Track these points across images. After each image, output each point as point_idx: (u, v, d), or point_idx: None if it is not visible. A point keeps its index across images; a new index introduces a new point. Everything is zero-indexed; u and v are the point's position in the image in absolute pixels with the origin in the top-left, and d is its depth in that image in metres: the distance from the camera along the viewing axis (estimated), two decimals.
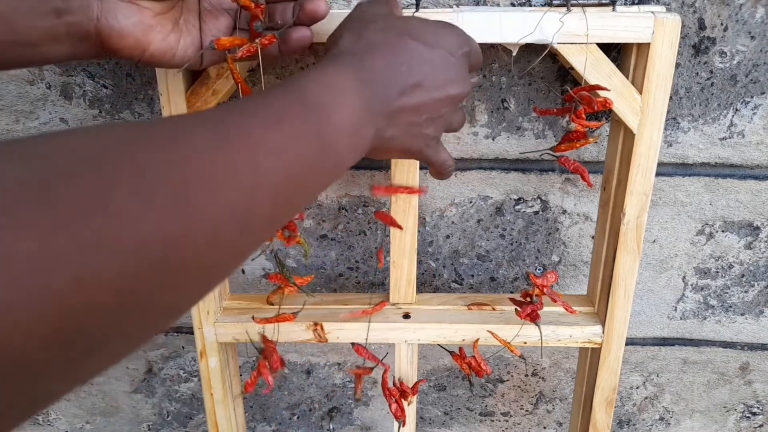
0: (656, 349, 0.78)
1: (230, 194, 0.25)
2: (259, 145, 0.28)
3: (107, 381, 0.84)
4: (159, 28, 0.42)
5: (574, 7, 0.51)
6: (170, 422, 0.87)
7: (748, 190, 0.66)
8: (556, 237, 0.70)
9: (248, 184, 0.26)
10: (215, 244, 0.24)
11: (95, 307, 0.19)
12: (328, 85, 0.35)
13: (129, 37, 0.40)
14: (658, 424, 0.85)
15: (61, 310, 0.18)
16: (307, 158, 0.31)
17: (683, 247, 0.70)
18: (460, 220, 0.69)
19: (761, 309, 0.74)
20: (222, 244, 0.25)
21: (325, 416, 0.86)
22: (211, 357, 0.63)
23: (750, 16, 0.57)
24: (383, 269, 0.72)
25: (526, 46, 0.52)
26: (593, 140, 0.56)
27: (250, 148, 0.27)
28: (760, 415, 0.83)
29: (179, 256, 0.22)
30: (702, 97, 0.61)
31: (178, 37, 0.43)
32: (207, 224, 0.23)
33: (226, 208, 0.24)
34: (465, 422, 0.85)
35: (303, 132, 0.31)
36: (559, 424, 0.85)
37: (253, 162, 0.27)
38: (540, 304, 0.59)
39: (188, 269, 0.23)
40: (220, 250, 0.25)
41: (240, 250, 0.27)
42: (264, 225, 0.28)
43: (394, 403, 0.64)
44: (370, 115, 0.37)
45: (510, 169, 0.66)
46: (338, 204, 0.69)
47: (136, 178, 0.21)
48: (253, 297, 0.66)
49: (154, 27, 0.41)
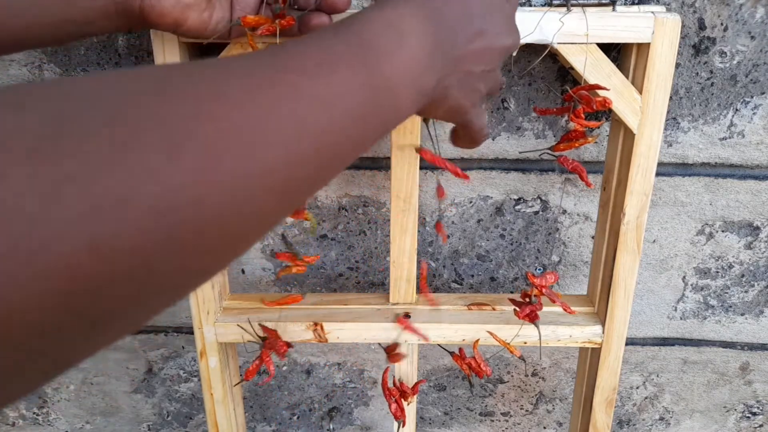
0: (656, 349, 0.78)
1: (266, 152, 0.22)
2: (301, 95, 0.24)
3: (107, 381, 0.84)
4: (195, 7, 0.45)
5: (574, 7, 0.51)
6: (170, 422, 0.87)
7: (748, 190, 0.66)
8: (556, 237, 0.70)
9: (288, 139, 0.23)
10: (245, 207, 0.21)
11: (110, 275, 0.17)
12: (387, 25, 0.31)
13: (169, 15, 0.44)
14: (658, 424, 0.85)
15: (71, 279, 0.16)
16: (359, 109, 0.27)
17: (683, 247, 0.70)
18: (460, 220, 0.69)
19: (761, 309, 0.74)
20: (254, 207, 0.22)
21: (325, 416, 0.86)
22: (211, 357, 0.63)
23: (750, 16, 0.57)
24: (383, 269, 0.72)
25: (526, 46, 0.52)
26: (592, 140, 0.56)
27: (291, 99, 0.24)
28: (760, 415, 0.83)
29: (206, 219, 0.20)
30: (702, 97, 0.61)
31: (211, 13, 0.47)
32: (238, 185, 0.21)
33: (261, 167, 0.22)
34: (465, 422, 0.85)
35: (355, 78, 0.27)
36: (559, 424, 0.85)
37: (294, 116, 0.23)
38: (539, 305, 0.59)
39: (215, 233, 0.20)
40: (250, 214, 0.22)
41: (274, 213, 0.24)
42: (303, 186, 0.25)
43: (393, 403, 0.64)
44: (435, 61, 0.33)
45: (510, 169, 0.66)
46: (338, 204, 0.69)
47: (158, 131, 0.19)
48: (253, 297, 0.66)
49: (191, 6, 0.45)
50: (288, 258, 0.61)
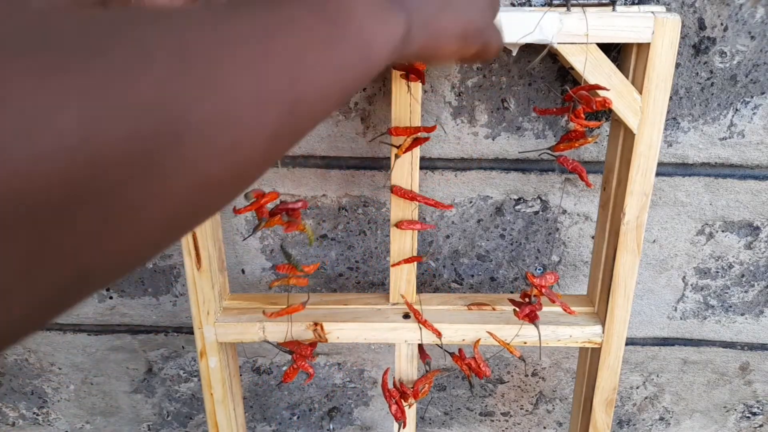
0: (656, 349, 0.78)
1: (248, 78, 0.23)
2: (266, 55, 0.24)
3: (107, 381, 0.84)
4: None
5: (574, 7, 0.51)
6: (170, 422, 0.87)
7: (748, 190, 0.66)
8: (556, 237, 0.70)
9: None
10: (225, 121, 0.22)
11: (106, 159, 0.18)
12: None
13: None
14: (658, 424, 0.85)
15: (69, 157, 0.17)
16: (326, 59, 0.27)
17: (683, 247, 0.70)
18: (460, 220, 0.69)
19: (761, 309, 0.74)
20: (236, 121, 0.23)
21: (325, 416, 0.86)
22: (211, 357, 0.63)
23: (750, 16, 0.57)
24: (383, 269, 0.72)
25: (526, 46, 0.52)
26: (592, 140, 0.56)
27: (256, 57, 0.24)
28: (760, 415, 0.83)
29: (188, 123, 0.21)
30: (702, 97, 0.61)
31: None
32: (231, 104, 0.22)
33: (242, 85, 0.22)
34: (465, 422, 0.85)
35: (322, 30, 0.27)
36: (559, 424, 0.85)
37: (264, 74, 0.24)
38: (539, 305, 0.59)
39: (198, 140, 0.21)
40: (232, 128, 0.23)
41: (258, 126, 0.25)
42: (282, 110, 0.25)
43: (394, 404, 0.64)
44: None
45: (510, 169, 0.66)
46: (338, 204, 0.69)
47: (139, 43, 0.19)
48: (253, 297, 0.66)
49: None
50: (288, 270, 0.61)
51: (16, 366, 0.83)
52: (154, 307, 0.77)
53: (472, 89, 0.62)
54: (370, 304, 0.65)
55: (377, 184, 0.67)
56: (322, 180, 0.67)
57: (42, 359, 0.82)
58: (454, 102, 0.62)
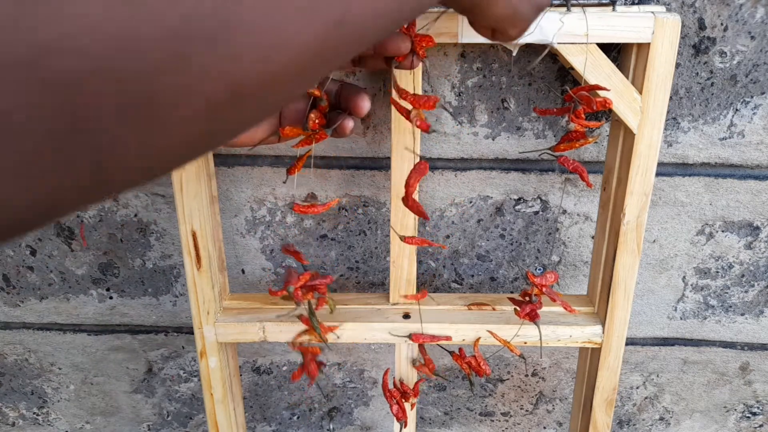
0: (656, 349, 0.78)
1: None
2: None
3: (107, 381, 0.84)
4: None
5: (574, 7, 0.51)
6: (170, 422, 0.87)
7: (748, 190, 0.66)
8: (556, 237, 0.70)
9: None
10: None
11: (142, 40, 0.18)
12: None
13: None
14: (658, 424, 0.85)
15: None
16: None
17: (683, 247, 0.70)
18: (460, 220, 0.69)
19: (761, 309, 0.74)
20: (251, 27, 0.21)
21: (325, 416, 0.86)
22: (211, 357, 0.63)
23: (750, 16, 0.57)
24: (383, 269, 0.72)
25: (526, 46, 0.52)
26: (593, 140, 0.56)
27: None
28: (760, 415, 0.83)
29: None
30: (702, 97, 0.61)
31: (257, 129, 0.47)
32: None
33: None
34: (465, 422, 0.86)
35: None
36: (559, 424, 0.85)
37: None
38: (539, 304, 0.59)
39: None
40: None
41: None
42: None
43: (395, 404, 0.64)
44: None
45: (510, 169, 0.66)
46: (338, 204, 0.69)
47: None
48: (253, 297, 0.66)
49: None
50: (306, 323, 0.60)
51: (16, 366, 0.83)
52: (154, 307, 0.77)
53: (472, 89, 0.62)
54: (370, 304, 0.65)
55: (377, 184, 0.67)
56: (322, 180, 0.67)
57: (42, 359, 0.82)
58: (454, 102, 0.62)
